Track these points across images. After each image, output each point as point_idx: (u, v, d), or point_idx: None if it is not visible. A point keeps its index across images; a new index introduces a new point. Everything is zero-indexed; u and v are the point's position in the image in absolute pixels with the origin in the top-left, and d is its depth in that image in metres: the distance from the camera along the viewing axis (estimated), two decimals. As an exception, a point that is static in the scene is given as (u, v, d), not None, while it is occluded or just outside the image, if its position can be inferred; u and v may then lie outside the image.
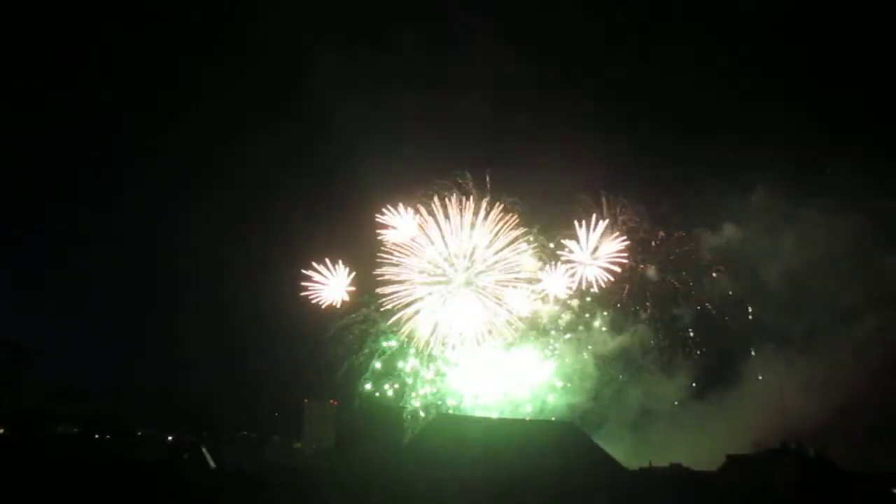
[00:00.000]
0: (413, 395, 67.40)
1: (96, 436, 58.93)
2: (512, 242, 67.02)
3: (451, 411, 65.41)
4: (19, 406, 63.73)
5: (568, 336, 67.63)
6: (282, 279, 68.23)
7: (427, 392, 67.26)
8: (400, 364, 67.71)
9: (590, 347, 66.87)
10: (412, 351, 66.78)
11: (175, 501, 43.25)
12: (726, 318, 68.70)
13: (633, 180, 70.59)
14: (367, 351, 67.55)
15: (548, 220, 68.17)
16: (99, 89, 74.24)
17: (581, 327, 67.66)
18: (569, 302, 67.34)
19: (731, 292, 68.68)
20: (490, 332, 66.04)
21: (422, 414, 66.70)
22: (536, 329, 66.94)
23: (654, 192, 70.18)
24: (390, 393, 67.64)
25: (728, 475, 47.87)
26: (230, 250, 71.64)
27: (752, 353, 67.24)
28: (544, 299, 66.81)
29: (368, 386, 67.74)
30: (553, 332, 67.29)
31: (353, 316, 67.34)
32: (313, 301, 66.52)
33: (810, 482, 44.98)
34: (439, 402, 66.98)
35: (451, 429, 48.01)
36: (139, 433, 63.34)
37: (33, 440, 54.67)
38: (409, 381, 67.52)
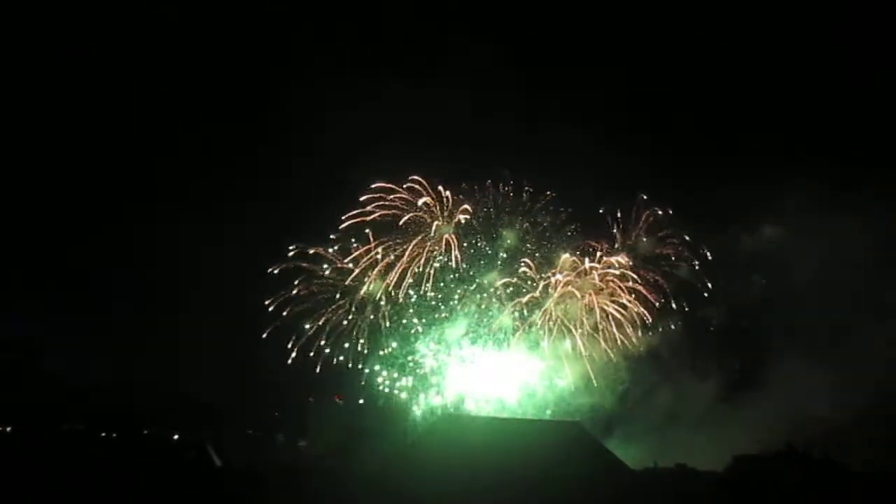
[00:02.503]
0: (426, 395, 66.60)
1: (102, 434, 59.05)
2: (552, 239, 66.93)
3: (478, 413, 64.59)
4: (26, 403, 63.96)
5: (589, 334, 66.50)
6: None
7: (449, 393, 66.28)
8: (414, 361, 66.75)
9: (618, 347, 65.97)
10: (432, 349, 65.83)
11: (180, 500, 43.41)
12: (753, 320, 68.33)
13: (665, 179, 69.53)
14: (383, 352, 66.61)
15: (581, 219, 68.01)
16: (95, 88, 73.95)
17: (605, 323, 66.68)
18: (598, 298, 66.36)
19: (760, 294, 68.34)
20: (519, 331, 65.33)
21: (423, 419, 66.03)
22: (563, 326, 66.08)
23: (688, 191, 69.59)
24: (404, 395, 66.74)
25: (734, 476, 47.78)
26: (235, 249, 71.32)
27: (773, 355, 66.62)
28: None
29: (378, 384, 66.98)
30: (579, 330, 66.09)
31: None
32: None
33: (817, 483, 44.83)
34: (458, 403, 66.12)
35: (455, 428, 47.97)
36: (145, 431, 63.36)
37: (38, 437, 54.84)
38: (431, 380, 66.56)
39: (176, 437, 61.68)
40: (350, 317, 65.16)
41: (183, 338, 70.31)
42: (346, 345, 65.53)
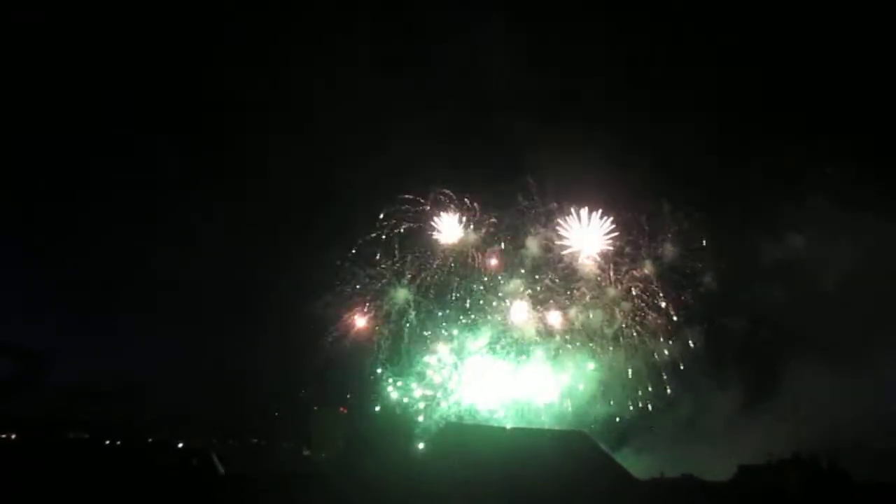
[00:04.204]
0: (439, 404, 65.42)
1: (107, 442, 59.35)
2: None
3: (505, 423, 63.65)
4: (32, 411, 64.34)
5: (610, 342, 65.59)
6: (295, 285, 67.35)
7: (466, 402, 65.06)
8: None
9: (637, 357, 65.10)
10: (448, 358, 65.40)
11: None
12: (771, 330, 67.39)
13: (689, 188, 68.56)
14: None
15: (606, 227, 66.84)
16: (99, 92, 74.23)
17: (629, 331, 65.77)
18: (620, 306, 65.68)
19: (779, 304, 66.58)
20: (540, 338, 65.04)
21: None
22: (583, 335, 65.34)
23: (712, 199, 68.10)
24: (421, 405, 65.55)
25: (740, 485, 47.52)
26: (241, 253, 71.33)
27: (785, 364, 65.62)
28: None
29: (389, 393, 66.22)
30: (598, 339, 65.20)
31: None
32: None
33: (823, 493, 44.55)
34: (473, 413, 64.82)
35: (459, 438, 47.91)
36: (150, 439, 63.59)
37: (45, 446, 55.09)
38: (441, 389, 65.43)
39: (180, 445, 61.85)
40: (374, 327, 64.75)
41: (189, 347, 70.61)
42: (366, 354, 64.59)
